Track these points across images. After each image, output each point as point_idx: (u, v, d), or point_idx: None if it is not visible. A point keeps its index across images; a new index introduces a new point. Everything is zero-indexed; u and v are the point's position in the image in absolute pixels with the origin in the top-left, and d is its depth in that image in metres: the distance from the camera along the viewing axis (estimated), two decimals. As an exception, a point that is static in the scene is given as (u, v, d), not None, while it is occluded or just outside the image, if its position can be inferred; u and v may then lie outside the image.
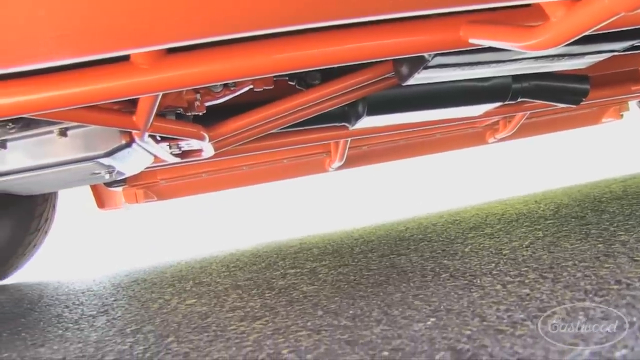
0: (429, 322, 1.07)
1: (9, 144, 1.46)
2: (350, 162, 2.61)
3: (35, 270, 2.90)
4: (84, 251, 4.15)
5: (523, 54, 1.29)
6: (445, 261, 1.57)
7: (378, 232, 2.39)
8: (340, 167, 2.62)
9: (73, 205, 4.47)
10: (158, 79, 1.06)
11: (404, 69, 1.44)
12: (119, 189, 2.61)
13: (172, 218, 5.75)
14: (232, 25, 0.93)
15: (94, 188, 2.70)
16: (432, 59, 1.25)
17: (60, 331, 1.46)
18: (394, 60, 1.47)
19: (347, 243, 2.19)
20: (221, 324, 1.27)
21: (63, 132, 1.44)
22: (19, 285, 2.56)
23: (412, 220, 2.64)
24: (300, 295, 1.42)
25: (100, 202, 2.72)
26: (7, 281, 2.76)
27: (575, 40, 0.92)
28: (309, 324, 1.17)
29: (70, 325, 1.51)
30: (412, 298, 1.25)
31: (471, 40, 1.09)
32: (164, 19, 0.90)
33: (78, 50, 0.90)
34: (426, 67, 1.30)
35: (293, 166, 2.67)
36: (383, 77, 1.55)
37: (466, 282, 1.32)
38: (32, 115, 1.14)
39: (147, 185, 2.57)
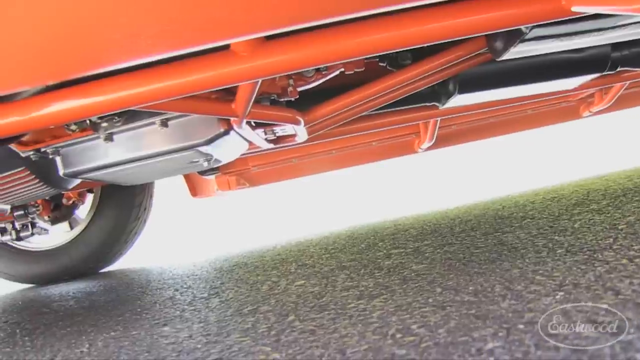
0: (558, 296, 1.04)
1: (115, 137, 1.51)
2: (440, 142, 2.56)
3: (133, 258, 3.03)
4: (173, 238, 4.28)
5: (629, 18, 1.22)
6: (556, 237, 1.53)
7: (474, 211, 2.35)
8: (429, 148, 2.58)
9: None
10: (258, 65, 1.07)
11: (499, 44, 1.39)
12: (212, 176, 2.67)
13: (249, 206, 5.84)
14: (330, 9, 0.93)
15: (187, 177, 2.78)
16: (530, 31, 1.20)
17: (177, 312, 1.51)
18: (487, 35, 1.43)
19: (445, 223, 2.16)
20: (338, 302, 1.28)
21: (164, 123, 1.49)
22: (124, 271, 2.68)
23: (506, 199, 2.58)
24: (412, 274, 1.42)
25: (194, 191, 2.80)
26: (112, 268, 2.90)
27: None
28: (430, 300, 1.16)
29: (186, 307, 1.56)
30: (531, 274, 1.22)
31: (574, 9, 1.04)
32: (266, 7, 0.90)
33: (184, 42, 0.93)
34: (522, 41, 1.25)
35: (382, 148, 2.65)
36: (475, 53, 1.51)
37: (586, 257, 1.28)
38: (138, 108, 1.17)
39: (239, 172, 2.63)
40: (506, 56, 1.38)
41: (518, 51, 1.34)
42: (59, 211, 2.74)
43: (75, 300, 2.05)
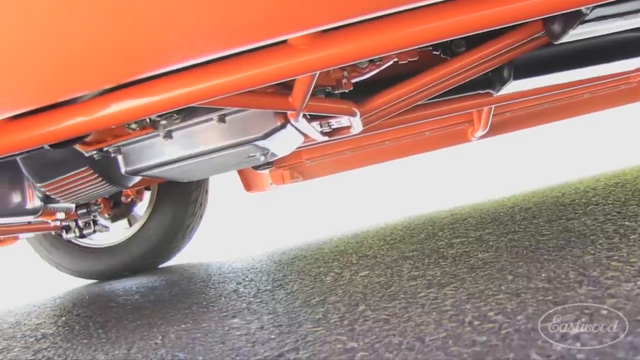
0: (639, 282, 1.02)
1: (174, 134, 1.54)
2: (494, 129, 2.52)
3: (191, 253, 3.08)
4: (226, 233, 4.34)
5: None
6: (626, 223, 1.49)
7: (532, 199, 2.31)
8: (483, 136, 2.55)
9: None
10: (316, 58, 1.07)
11: (557, 27, 1.36)
12: (266, 171, 2.70)
13: (295, 200, 5.87)
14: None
15: (241, 172, 2.82)
16: (591, 12, 1.16)
17: (244, 304, 1.53)
18: (544, 18, 1.40)
19: (503, 211, 2.14)
20: (408, 291, 1.28)
21: (222, 119, 1.50)
22: (183, 266, 2.74)
23: (565, 185, 2.52)
24: (480, 262, 1.40)
25: (247, 185, 2.83)
26: (170, 263, 2.96)
27: None
28: (502, 287, 1.15)
29: (252, 299, 1.58)
30: (606, 260, 1.19)
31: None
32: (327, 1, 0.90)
33: (244, 39, 0.93)
34: (583, 22, 1.21)
35: (435, 138, 2.63)
36: (532, 38, 1.48)
37: (663, 241, 1.25)
38: (199, 104, 1.19)
39: (293, 165, 2.64)
40: (565, 39, 1.34)
41: (577, 33, 1.30)
42: (119, 209, 2.81)
43: (140, 294, 2.11)
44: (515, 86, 1.76)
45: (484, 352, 0.84)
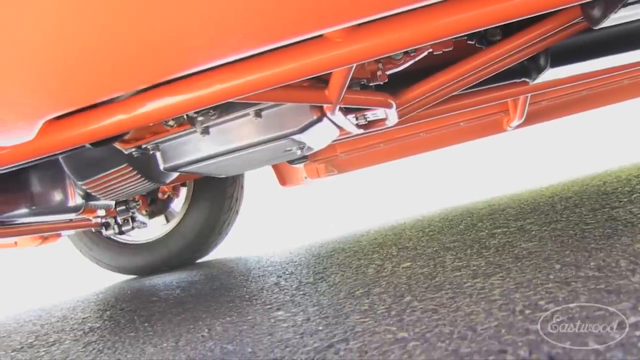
0: (694, 269, 1.00)
1: (211, 130, 1.55)
2: (530, 119, 2.49)
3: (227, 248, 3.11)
4: (259, 227, 4.37)
5: None
6: (674, 210, 1.46)
7: (572, 188, 2.28)
8: (519, 126, 2.52)
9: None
10: (353, 50, 1.06)
11: (597, 11, 1.33)
12: (301, 165, 2.71)
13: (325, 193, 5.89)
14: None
15: (276, 166, 2.83)
16: None
17: (287, 297, 1.54)
18: (583, 3, 1.37)
19: (543, 201, 2.11)
20: (453, 282, 1.27)
21: (258, 113, 1.51)
22: (221, 261, 2.77)
23: (605, 174, 2.48)
24: (524, 252, 1.39)
25: (282, 180, 2.85)
26: (207, 258, 3.00)
27: None
28: (551, 276, 1.14)
29: (294, 292, 1.60)
30: (657, 247, 1.18)
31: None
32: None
33: (281, 35, 0.94)
34: (625, 5, 1.18)
35: (470, 129, 2.61)
36: (569, 24, 1.45)
37: None
38: (236, 100, 1.20)
39: (328, 159, 2.65)
40: (605, 24, 1.32)
41: (619, 17, 1.27)
42: (156, 205, 2.86)
43: (180, 289, 2.14)
44: (552, 74, 1.74)
45: (538, 340, 0.83)
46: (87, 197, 2.08)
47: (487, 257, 1.44)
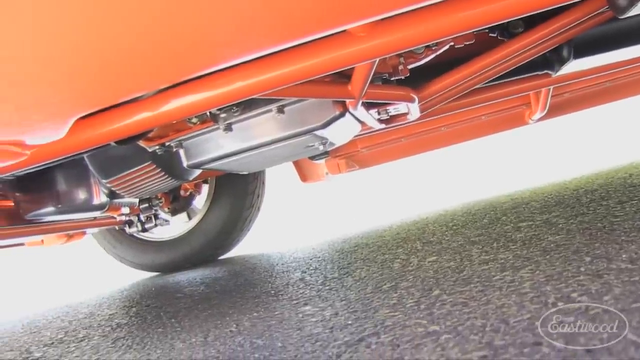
0: None
1: (234, 127, 1.56)
2: (552, 111, 2.47)
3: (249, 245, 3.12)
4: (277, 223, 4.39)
5: None
6: None
7: (597, 181, 2.26)
8: (541, 119, 2.49)
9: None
10: (376, 45, 1.06)
11: (622, 1, 1.31)
12: (322, 161, 2.71)
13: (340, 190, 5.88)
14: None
15: (296, 163, 2.83)
16: None
17: (313, 292, 1.55)
18: None
19: (567, 194, 2.09)
20: (481, 275, 1.27)
21: (281, 110, 1.51)
22: (244, 257, 2.78)
23: (630, 166, 2.46)
24: (552, 245, 1.38)
25: (303, 176, 2.85)
26: (230, 254, 3.01)
27: None
28: (582, 269, 1.13)
29: (320, 287, 1.60)
30: (689, 239, 1.16)
31: None
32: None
33: (310, 30, 0.93)
34: None
35: (492, 122, 2.59)
36: (594, 13, 1.43)
37: None
38: (259, 96, 1.20)
39: (349, 154, 2.64)
40: (632, 12, 1.30)
41: None
42: (178, 203, 2.88)
43: (205, 285, 2.15)
44: (575, 65, 1.72)
45: (574, 333, 0.83)
46: (112, 195, 2.09)
47: (514, 250, 1.43)
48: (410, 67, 1.62)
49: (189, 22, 0.86)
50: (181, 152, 1.71)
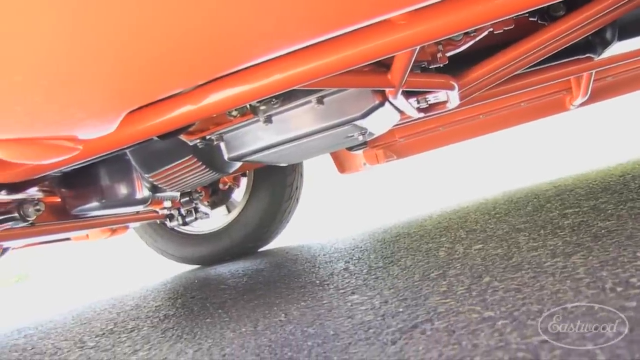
0: None
1: (274, 119, 1.56)
2: (595, 96, 2.42)
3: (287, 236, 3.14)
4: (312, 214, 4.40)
5: None
6: None
7: (642, 166, 2.21)
8: (583, 104, 2.45)
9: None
10: (417, 32, 1.05)
11: None
12: (359, 151, 2.70)
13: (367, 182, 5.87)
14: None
15: (334, 154, 2.83)
16: None
17: (359, 281, 1.55)
18: None
19: (613, 180, 2.06)
20: (532, 262, 1.26)
21: (320, 100, 1.51)
22: (284, 249, 2.80)
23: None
24: (603, 231, 1.36)
25: (341, 167, 2.84)
26: (269, 246, 3.03)
27: None
28: (638, 254, 1.11)
29: (365, 276, 1.60)
30: None
31: None
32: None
33: (352, 20, 0.93)
34: None
35: (532, 109, 2.54)
36: None
37: None
38: (299, 87, 1.20)
39: (387, 144, 2.63)
40: None
41: None
42: (217, 196, 2.91)
43: (248, 277, 2.17)
44: (619, 48, 1.68)
45: (638, 317, 0.81)
46: (154, 189, 2.13)
47: (563, 237, 1.41)
48: (449, 54, 1.60)
49: (232, 16, 0.87)
50: (222, 145, 1.72)
